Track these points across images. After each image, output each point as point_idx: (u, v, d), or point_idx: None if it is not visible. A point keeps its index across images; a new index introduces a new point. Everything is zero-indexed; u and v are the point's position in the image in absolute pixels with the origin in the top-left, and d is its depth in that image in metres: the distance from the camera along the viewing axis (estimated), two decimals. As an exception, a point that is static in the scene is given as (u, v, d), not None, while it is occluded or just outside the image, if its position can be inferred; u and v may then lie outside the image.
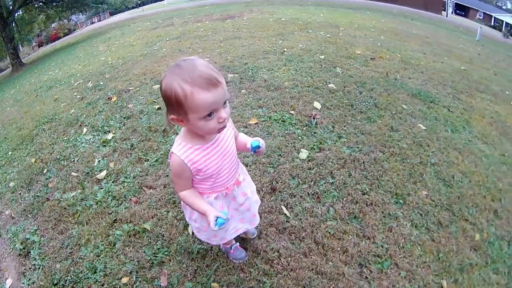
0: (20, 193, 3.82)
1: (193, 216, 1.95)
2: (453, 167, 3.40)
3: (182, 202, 1.91)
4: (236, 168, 1.83)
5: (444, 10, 34.49)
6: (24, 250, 2.96)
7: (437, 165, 3.37)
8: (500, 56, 12.21)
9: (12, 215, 3.53)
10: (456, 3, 44.25)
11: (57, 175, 3.87)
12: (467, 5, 46.06)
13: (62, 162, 4.07)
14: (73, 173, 3.77)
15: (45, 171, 4.04)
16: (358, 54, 6.70)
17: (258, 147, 1.75)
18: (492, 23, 42.20)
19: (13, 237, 3.18)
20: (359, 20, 12.52)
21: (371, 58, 6.50)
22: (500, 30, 37.64)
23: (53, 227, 3.08)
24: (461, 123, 4.36)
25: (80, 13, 28.52)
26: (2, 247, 3.18)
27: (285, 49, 6.87)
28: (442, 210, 2.82)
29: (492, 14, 44.75)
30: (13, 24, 20.68)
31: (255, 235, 2.51)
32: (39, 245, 2.94)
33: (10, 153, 4.95)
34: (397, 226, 2.60)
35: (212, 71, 1.39)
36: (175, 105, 1.41)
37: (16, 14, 21.25)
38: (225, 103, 1.46)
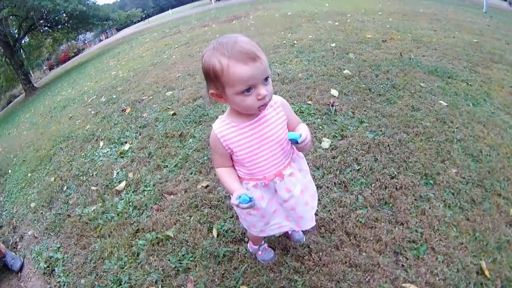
0: (41, 213, 3.83)
1: None
2: (479, 141, 3.29)
3: None
4: (280, 158, 1.69)
5: None
6: (48, 269, 2.95)
7: (463, 141, 3.27)
8: (509, 25, 11.87)
9: (35, 235, 3.53)
10: None
11: (77, 191, 3.86)
12: None
13: (81, 177, 4.07)
14: (92, 187, 3.75)
15: (64, 188, 4.04)
16: (369, 38, 6.63)
17: (296, 141, 1.53)
18: None
19: (37, 257, 3.17)
20: (365, 5, 12.37)
21: (383, 41, 6.42)
22: (506, 0, 36.74)
23: (75, 242, 3.06)
24: (482, 96, 4.25)
25: (87, 32, 28.92)
26: (27, 268, 3.18)
27: (295, 42, 6.83)
28: (474, 187, 2.70)
29: None
30: (21, 51, 21.03)
31: (302, 242, 2.38)
32: (62, 262, 2.93)
33: (29, 174, 4.98)
34: (429, 208, 2.50)
35: (252, 46, 1.38)
36: (213, 79, 1.42)
37: (22, 41, 21.62)
38: (266, 80, 1.42)
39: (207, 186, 3.12)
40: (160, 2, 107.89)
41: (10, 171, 5.80)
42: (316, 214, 2.50)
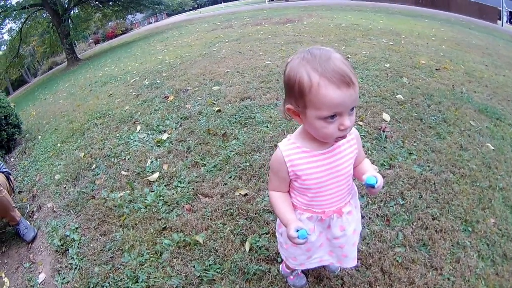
0: (65, 187, 3.80)
1: (280, 229, 1.79)
2: None
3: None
4: (344, 194, 1.58)
5: (499, 19, 33.31)
6: (62, 247, 2.91)
7: (505, 190, 3.14)
8: None
9: (54, 209, 3.50)
10: (510, 12, 42.85)
11: (106, 172, 3.81)
12: None
13: (112, 159, 4.03)
14: (123, 172, 3.69)
15: (93, 166, 4.01)
16: (423, 64, 6.48)
17: (373, 186, 1.42)
18: None
19: (52, 232, 3.14)
20: (419, 28, 12.29)
21: (436, 69, 6.27)
22: None
23: (95, 227, 3.00)
24: None
25: (137, 13, 29.44)
26: (39, 240, 3.16)
27: (349, 56, 6.73)
28: (508, 241, 2.60)
29: None
30: (69, 21, 21.54)
31: (336, 273, 2.27)
32: (78, 244, 2.88)
33: (59, 145, 5.01)
34: (464, 257, 2.40)
35: (348, 68, 1.23)
36: (296, 93, 1.27)
37: (71, 12, 22.19)
38: (352, 110, 1.28)
39: (245, 194, 3.00)
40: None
41: (40, 137, 5.88)
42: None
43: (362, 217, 2.67)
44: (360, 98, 4.58)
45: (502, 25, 31.80)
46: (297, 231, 1.38)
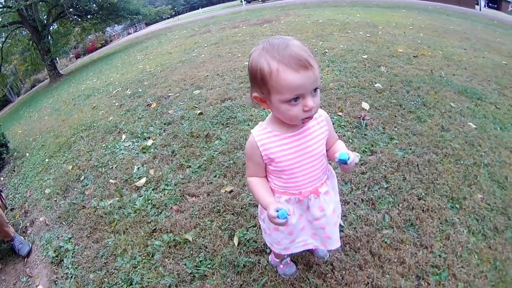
0: (55, 200, 3.82)
1: (262, 215, 1.84)
2: (505, 167, 3.24)
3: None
4: (319, 174, 1.63)
5: (477, 4, 33.85)
6: (57, 258, 2.93)
7: (490, 166, 3.22)
8: None
9: (47, 222, 3.52)
10: None
11: (95, 182, 3.84)
12: None
13: (100, 169, 4.05)
14: (111, 180, 3.72)
15: (82, 178, 4.03)
16: (400, 52, 6.58)
17: (345, 161, 1.47)
18: None
19: (46, 244, 3.16)
20: (396, 18, 12.41)
21: (414, 56, 6.38)
22: None
23: (88, 235, 3.02)
24: (509, 120, 4.19)
25: (116, 25, 29.33)
26: (34, 254, 3.18)
27: (327, 50, 6.79)
28: (498, 214, 2.65)
29: None
30: (49, 37, 21.40)
31: (325, 259, 2.31)
32: (72, 253, 2.90)
33: (47, 160, 5.01)
34: (454, 233, 2.45)
35: (305, 52, 1.30)
36: (259, 82, 1.35)
37: (51, 28, 22.04)
38: (315, 91, 1.34)
39: (231, 191, 3.05)
40: (191, 0, 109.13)
41: (27, 154, 5.87)
42: (341, 231, 2.46)
43: (347, 203, 2.75)
44: (339, 90, 4.67)
45: (480, 10, 32.26)
46: (277, 211, 1.42)
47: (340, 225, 2.48)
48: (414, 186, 2.89)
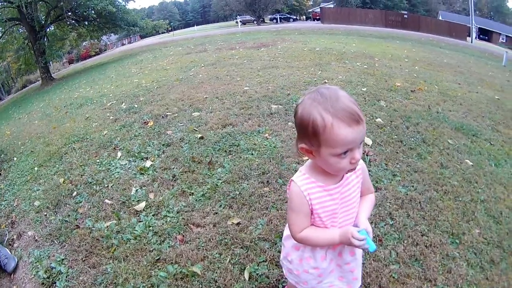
0: (45, 215, 3.65)
1: (288, 257, 1.78)
2: (500, 202, 3.41)
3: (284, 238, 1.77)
4: (352, 220, 1.61)
5: (469, 36, 34.91)
6: (48, 280, 2.76)
7: (486, 202, 3.38)
8: None
9: (36, 238, 3.35)
10: (479, 28, 44.96)
11: (89, 200, 3.69)
12: (490, 29, 46.94)
13: (94, 186, 3.91)
14: (106, 200, 3.58)
15: (74, 194, 3.88)
16: (398, 86, 6.75)
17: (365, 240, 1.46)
18: None
19: (35, 262, 3.00)
20: (391, 49, 12.76)
21: (411, 91, 6.55)
22: None
23: (83, 259, 2.87)
24: (503, 156, 4.41)
25: (111, 34, 29.31)
26: (22, 271, 3.01)
27: (326, 80, 6.92)
28: (494, 248, 2.80)
29: None
30: (45, 39, 21.26)
31: None
32: (66, 277, 2.73)
33: (36, 168, 4.85)
34: (455, 267, 2.56)
35: (355, 106, 1.30)
36: (310, 134, 1.32)
37: (48, 29, 21.95)
38: (361, 143, 1.34)
39: (238, 223, 2.97)
40: (187, 17, 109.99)
41: (15, 158, 5.68)
42: None
43: None
44: (342, 124, 4.67)
45: (471, 42, 33.19)
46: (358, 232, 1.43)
47: None
48: (417, 222, 3.00)
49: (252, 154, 4.02)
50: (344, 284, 1.79)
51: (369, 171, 3.53)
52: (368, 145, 4.19)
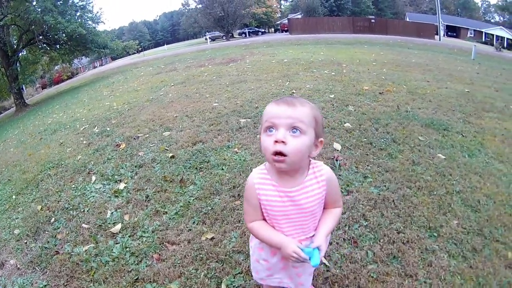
0: (26, 242, 3.61)
1: (251, 243, 1.86)
2: (477, 191, 3.46)
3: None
4: (307, 230, 1.64)
5: (437, 34, 35.74)
6: (32, 307, 2.73)
7: (462, 192, 3.43)
8: (496, 71, 12.71)
9: (18, 266, 3.30)
10: (447, 25, 45.99)
11: (66, 225, 3.68)
12: (457, 25, 48.19)
13: (71, 212, 3.90)
14: (84, 225, 3.58)
15: (52, 220, 3.86)
16: (366, 90, 6.88)
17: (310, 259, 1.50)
18: (484, 39, 44.10)
19: (20, 291, 2.96)
20: (359, 55, 12.93)
21: (380, 93, 6.68)
22: (492, 45, 39.08)
23: (65, 284, 2.87)
24: (476, 146, 4.51)
25: (83, 57, 28.99)
26: (7, 301, 2.96)
27: (293, 90, 7.01)
28: (474, 236, 2.84)
29: (482, 30, 46.96)
30: (17, 64, 20.89)
31: None
32: (49, 303, 2.72)
33: (14, 197, 4.78)
34: (435, 259, 2.58)
35: (296, 99, 1.47)
36: (260, 121, 1.54)
37: (20, 54, 21.56)
38: (294, 131, 1.39)
39: (212, 238, 3.02)
40: (157, 36, 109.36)
41: (-7, 188, 5.56)
42: (328, 271, 2.55)
43: (330, 243, 2.79)
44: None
45: (440, 39, 33.86)
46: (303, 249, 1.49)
47: (326, 265, 2.58)
48: (392, 221, 3.01)
49: (222, 169, 4.08)
50: (292, 284, 1.84)
51: (339, 175, 3.64)
52: (338, 150, 4.26)
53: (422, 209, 3.16)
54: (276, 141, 1.37)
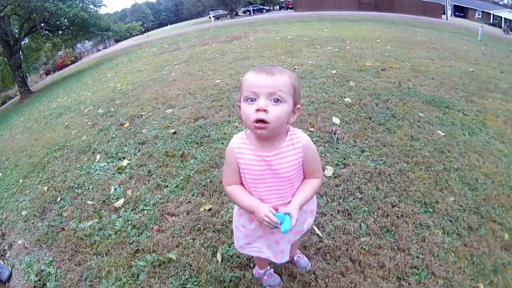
0: (33, 222, 3.72)
1: (234, 210, 1.93)
2: (475, 170, 3.43)
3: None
4: (284, 195, 1.68)
5: (444, 14, 34.97)
6: (39, 282, 2.84)
7: (460, 170, 3.40)
8: (503, 53, 12.43)
9: (26, 245, 3.42)
10: (454, 5, 45.05)
11: (72, 203, 3.78)
12: (465, 5, 47.12)
13: (76, 190, 3.99)
14: (88, 202, 3.67)
15: (58, 199, 3.96)
16: (369, 66, 6.78)
17: (281, 224, 1.55)
18: (492, 21, 43.16)
19: (27, 268, 3.07)
20: (363, 32, 12.74)
21: (382, 69, 6.58)
22: (500, 27, 38.40)
23: (70, 258, 2.97)
24: (477, 125, 4.43)
25: (86, 41, 28.93)
26: (15, 278, 3.07)
27: (296, 66, 6.92)
28: (471, 214, 2.82)
29: (490, 11, 45.85)
30: (20, 52, 20.91)
31: (307, 268, 2.38)
32: (55, 277, 2.82)
33: (21, 180, 4.89)
34: (429, 235, 2.60)
35: (276, 68, 1.50)
36: (239, 90, 1.56)
37: (22, 42, 21.53)
38: (276, 101, 1.45)
39: (210, 209, 3.09)
40: (160, 16, 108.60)
41: (0, 174, 5.70)
42: (320, 241, 2.58)
43: (324, 214, 2.84)
44: (310, 106, 4.79)
45: (446, 19, 33.19)
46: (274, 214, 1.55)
47: (318, 235, 2.62)
48: (387, 194, 3.03)
49: (222, 143, 4.13)
50: (271, 253, 1.88)
51: (337, 149, 3.66)
52: (336, 124, 4.26)
53: (418, 184, 3.16)
54: (258, 110, 1.43)
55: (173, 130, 4.70)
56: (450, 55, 9.02)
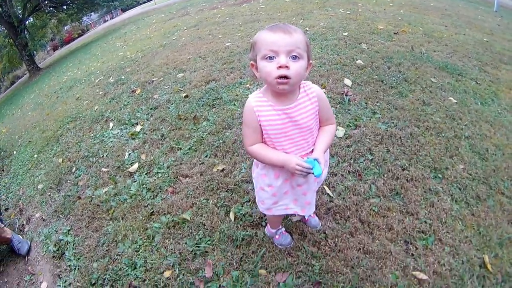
0: (49, 194, 3.81)
1: (253, 173, 1.97)
2: (486, 140, 3.40)
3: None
4: (307, 145, 1.74)
5: None
6: (58, 252, 2.93)
7: (471, 138, 3.38)
8: None
9: (43, 217, 3.51)
10: None
11: (87, 172, 3.84)
12: None
13: (91, 159, 4.05)
14: (103, 169, 3.73)
15: (73, 169, 4.02)
16: (381, 29, 6.59)
17: (311, 169, 1.60)
18: None
19: (45, 240, 3.16)
20: None
21: (394, 33, 6.40)
22: None
23: (87, 225, 3.04)
24: (490, 96, 4.33)
25: (92, 13, 28.74)
26: (35, 251, 3.17)
27: (307, 28, 6.78)
28: (480, 184, 2.81)
29: None
30: (25, 32, 20.87)
31: (318, 227, 2.44)
32: (73, 245, 2.91)
33: (36, 156, 4.98)
34: (438, 201, 2.61)
35: (291, 26, 1.54)
36: (251, 49, 1.62)
37: (27, 22, 21.47)
38: (294, 58, 1.50)
39: (223, 169, 3.12)
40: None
41: (15, 152, 5.80)
42: (331, 201, 2.62)
43: (335, 175, 2.87)
44: (321, 67, 4.72)
45: None
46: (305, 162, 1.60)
47: (329, 195, 2.65)
48: (397, 157, 3.04)
49: (234, 104, 4.12)
50: (298, 207, 1.93)
51: (348, 110, 3.65)
52: (348, 86, 4.21)
53: (428, 149, 3.16)
54: (280, 67, 1.48)
55: (184, 94, 4.69)
56: (464, 23, 8.72)
